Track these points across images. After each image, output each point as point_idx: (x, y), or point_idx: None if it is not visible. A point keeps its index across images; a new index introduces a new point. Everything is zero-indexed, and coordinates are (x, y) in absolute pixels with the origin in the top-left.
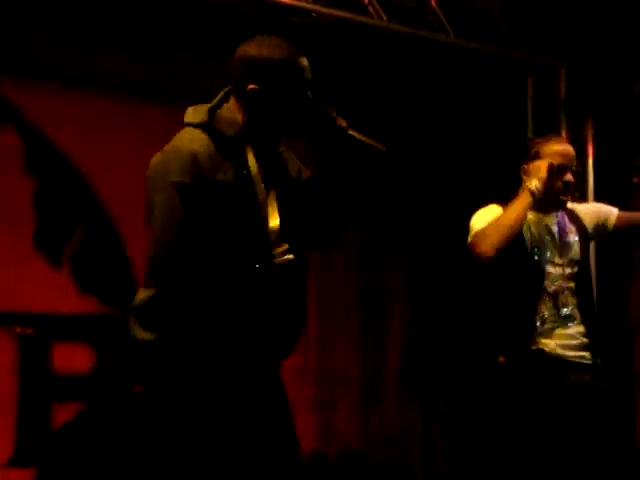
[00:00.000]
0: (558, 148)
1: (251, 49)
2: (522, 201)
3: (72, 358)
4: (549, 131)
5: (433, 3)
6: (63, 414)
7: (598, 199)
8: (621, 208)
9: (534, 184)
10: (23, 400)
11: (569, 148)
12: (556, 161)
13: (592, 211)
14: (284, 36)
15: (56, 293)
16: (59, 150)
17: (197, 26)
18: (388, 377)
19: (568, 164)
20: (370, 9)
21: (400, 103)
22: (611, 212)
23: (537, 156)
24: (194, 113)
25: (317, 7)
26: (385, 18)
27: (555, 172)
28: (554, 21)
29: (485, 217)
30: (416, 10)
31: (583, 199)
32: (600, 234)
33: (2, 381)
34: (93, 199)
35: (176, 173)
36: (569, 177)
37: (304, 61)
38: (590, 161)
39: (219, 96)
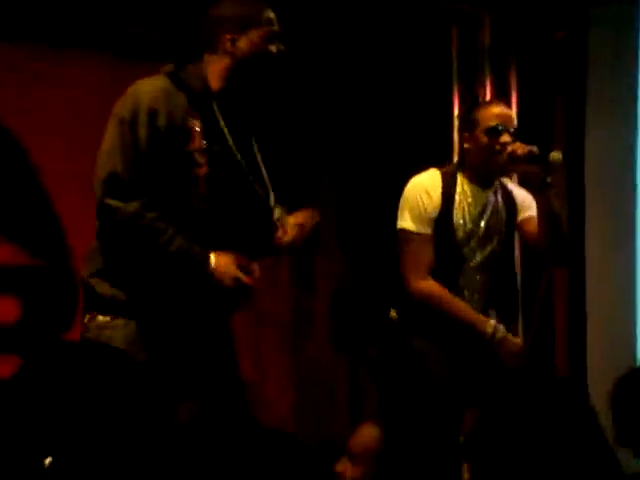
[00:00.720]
0: (494, 111)
1: (223, 9)
2: (472, 325)
3: None
4: (474, 78)
5: None
6: None
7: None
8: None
9: (492, 330)
10: None
11: (505, 110)
12: (491, 123)
13: (520, 194)
14: None
15: None
16: None
17: None
18: (317, 320)
19: (504, 125)
20: None
21: (326, 50)
22: (527, 209)
23: (475, 123)
24: (168, 65)
25: None
26: None
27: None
28: None
29: (416, 200)
30: None
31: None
32: None
33: None
34: (18, 149)
35: (129, 109)
36: (505, 138)
37: (271, 13)
38: (514, 108)
39: (188, 55)
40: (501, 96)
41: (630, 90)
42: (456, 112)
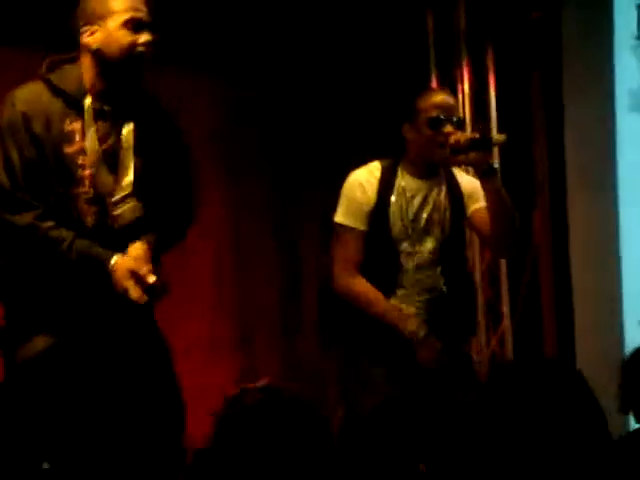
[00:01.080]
0: (436, 100)
1: (83, 2)
2: (391, 321)
3: None
4: (451, 61)
5: None
6: None
7: (500, 125)
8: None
9: (414, 327)
10: None
11: (447, 99)
12: (432, 114)
13: (470, 185)
14: None
15: None
16: None
17: None
18: (305, 311)
19: (446, 115)
20: None
21: (300, 43)
22: (478, 200)
23: (416, 113)
24: (42, 68)
25: None
26: None
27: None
28: None
29: (351, 193)
30: None
31: (486, 124)
32: None
33: None
34: None
35: (5, 119)
36: (448, 129)
37: (133, 1)
38: (492, 89)
39: (67, 56)
40: (478, 78)
41: (604, 65)
42: None
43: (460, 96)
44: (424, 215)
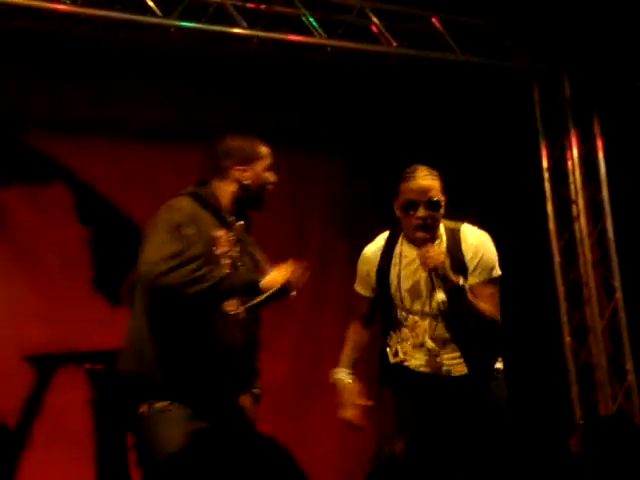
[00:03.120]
0: (410, 185)
1: (232, 143)
2: None
3: None
4: (558, 133)
5: (438, 25)
6: None
7: (611, 189)
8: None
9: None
10: (99, 432)
11: (422, 182)
12: (406, 198)
13: (470, 258)
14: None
15: (117, 329)
16: (109, 201)
17: (225, 72)
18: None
19: (418, 199)
20: (381, 38)
21: (416, 122)
22: (472, 275)
23: (398, 193)
24: (188, 188)
25: (331, 42)
26: (395, 44)
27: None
28: (552, 29)
29: (359, 268)
30: (422, 33)
31: (597, 192)
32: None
33: (78, 415)
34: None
35: (180, 217)
36: (420, 212)
37: (268, 147)
38: (600, 153)
39: (200, 183)
40: (586, 146)
41: None
42: (545, 164)
43: (569, 163)
44: (421, 278)
